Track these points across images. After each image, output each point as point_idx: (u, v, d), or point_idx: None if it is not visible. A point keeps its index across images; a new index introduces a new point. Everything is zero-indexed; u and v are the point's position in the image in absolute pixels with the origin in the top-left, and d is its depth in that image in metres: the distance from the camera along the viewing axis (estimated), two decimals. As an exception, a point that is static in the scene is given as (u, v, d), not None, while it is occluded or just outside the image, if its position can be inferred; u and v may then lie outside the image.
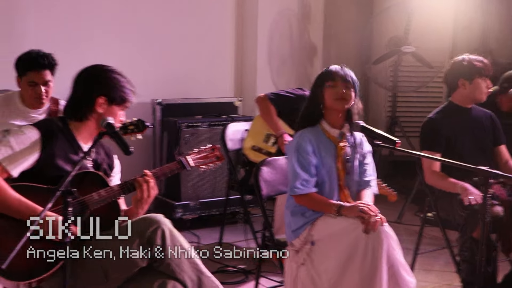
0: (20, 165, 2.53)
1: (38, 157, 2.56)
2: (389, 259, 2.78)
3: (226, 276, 4.12)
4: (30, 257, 2.46)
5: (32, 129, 2.60)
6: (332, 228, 2.91)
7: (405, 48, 5.72)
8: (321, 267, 2.88)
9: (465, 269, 3.56)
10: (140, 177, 2.68)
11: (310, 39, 6.24)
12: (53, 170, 2.57)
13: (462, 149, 3.70)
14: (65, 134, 2.66)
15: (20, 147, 2.53)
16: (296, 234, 3.02)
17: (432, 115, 3.83)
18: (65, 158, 2.62)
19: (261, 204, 3.37)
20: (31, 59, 3.56)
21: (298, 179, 2.99)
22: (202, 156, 2.92)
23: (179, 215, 4.99)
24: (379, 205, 3.03)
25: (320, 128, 3.09)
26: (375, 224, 2.78)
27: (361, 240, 2.78)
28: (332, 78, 3.05)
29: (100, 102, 2.66)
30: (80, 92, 2.69)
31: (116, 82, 2.69)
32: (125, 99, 2.72)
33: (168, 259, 2.53)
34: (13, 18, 4.86)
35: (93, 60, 2.82)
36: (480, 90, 3.73)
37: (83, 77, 2.72)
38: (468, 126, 3.78)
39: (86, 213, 2.58)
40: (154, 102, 5.22)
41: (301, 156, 3.01)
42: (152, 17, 5.44)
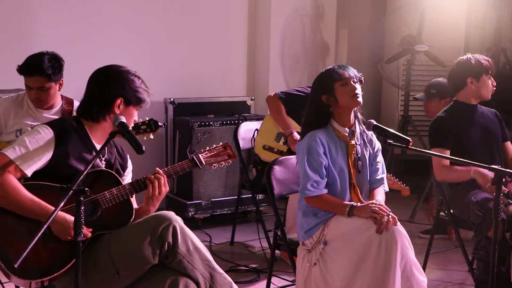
0: (34, 164, 2.54)
1: (52, 156, 2.57)
2: (402, 258, 2.77)
3: (237, 275, 4.11)
4: (42, 256, 2.47)
5: (46, 128, 2.60)
6: (344, 227, 2.90)
7: (418, 47, 5.70)
8: (333, 267, 2.86)
9: (479, 268, 3.54)
10: (152, 175, 2.69)
11: (323, 38, 6.23)
12: (66, 169, 2.58)
13: (473, 146, 3.71)
14: (79, 134, 2.67)
15: (34, 146, 2.53)
16: (309, 235, 3.01)
17: (439, 114, 3.85)
18: (79, 157, 2.62)
19: (273, 203, 3.36)
20: (24, 64, 3.54)
21: (309, 180, 2.97)
22: (213, 154, 2.92)
23: (191, 214, 5.00)
24: (391, 203, 3.02)
25: (331, 128, 3.07)
26: (388, 224, 2.77)
27: (375, 239, 2.77)
28: (341, 77, 3.02)
29: (117, 104, 2.67)
30: (96, 93, 2.69)
31: (132, 83, 2.70)
32: (141, 99, 2.73)
33: (180, 256, 2.53)
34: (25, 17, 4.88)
35: (106, 59, 2.83)
36: (486, 88, 3.80)
37: (99, 78, 2.72)
38: (477, 122, 3.80)
39: (98, 212, 2.59)
40: (167, 101, 5.23)
41: (312, 157, 2.99)
42: (165, 16, 5.45)
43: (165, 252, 2.52)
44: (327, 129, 3.06)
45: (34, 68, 3.50)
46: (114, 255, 2.53)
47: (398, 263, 2.74)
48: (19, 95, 3.72)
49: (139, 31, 5.32)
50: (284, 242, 3.32)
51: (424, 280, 2.86)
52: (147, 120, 3.36)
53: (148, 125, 3.33)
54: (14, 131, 3.60)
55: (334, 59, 6.35)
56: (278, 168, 3.40)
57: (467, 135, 3.74)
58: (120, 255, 2.52)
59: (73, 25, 5.03)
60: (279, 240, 3.39)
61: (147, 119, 3.36)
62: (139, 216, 2.70)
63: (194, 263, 2.55)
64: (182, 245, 2.54)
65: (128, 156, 2.91)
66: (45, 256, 2.48)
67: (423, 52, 5.73)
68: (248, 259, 4.41)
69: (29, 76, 3.52)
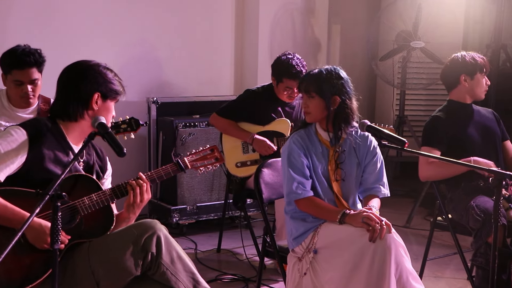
0: (6, 168, 2.52)
1: (26, 159, 2.55)
2: (397, 267, 2.77)
3: (225, 285, 4.12)
4: (16, 266, 2.45)
5: (19, 129, 2.59)
6: (336, 235, 2.90)
7: (414, 44, 5.73)
8: (325, 278, 2.87)
9: (478, 276, 3.56)
10: (134, 181, 2.68)
11: (314, 35, 6.24)
12: (41, 173, 2.56)
13: (472, 145, 3.74)
14: (54, 135, 2.66)
15: (6, 149, 2.52)
16: (298, 242, 3.02)
17: (435, 113, 3.89)
18: (55, 160, 2.61)
19: (261, 208, 3.37)
20: (16, 56, 3.54)
21: (293, 182, 2.99)
22: (200, 158, 2.92)
23: (175, 220, 4.99)
24: (386, 208, 3.03)
25: (314, 130, 3.11)
26: (382, 232, 2.77)
27: (368, 248, 2.77)
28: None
29: (95, 99, 2.67)
30: (71, 90, 2.68)
31: (106, 76, 2.70)
32: (117, 91, 2.73)
33: (163, 267, 2.53)
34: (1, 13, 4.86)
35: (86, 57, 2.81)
36: (480, 86, 3.84)
37: (71, 75, 2.71)
38: (475, 121, 3.84)
39: (76, 219, 2.58)
40: (150, 100, 5.23)
41: (293, 158, 3.03)
42: (148, 13, 5.44)
43: (148, 263, 2.51)
44: (309, 131, 3.10)
45: (28, 59, 3.51)
46: (94, 265, 2.52)
47: (393, 273, 2.75)
48: (-8, 93, 3.71)
49: (121, 28, 5.30)
50: (273, 249, 3.32)
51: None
52: (128, 118, 3.36)
53: (128, 123, 3.33)
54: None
55: (326, 56, 6.37)
56: (267, 171, 3.40)
57: (466, 134, 3.77)
58: (100, 265, 2.51)
59: (52, 21, 5.00)
60: (268, 247, 3.39)
61: (127, 118, 3.36)
62: (118, 223, 2.69)
63: (178, 275, 2.55)
64: (166, 255, 2.53)
65: (108, 158, 2.90)
66: (22, 265, 2.46)
67: (419, 49, 5.76)
68: (236, 267, 4.41)
69: (22, 69, 3.52)
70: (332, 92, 3.04)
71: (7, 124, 3.52)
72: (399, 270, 2.78)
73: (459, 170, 3.65)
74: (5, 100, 3.64)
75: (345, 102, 3.05)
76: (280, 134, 4.37)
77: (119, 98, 2.76)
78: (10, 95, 3.64)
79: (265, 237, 3.39)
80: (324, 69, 3.09)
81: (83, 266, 2.52)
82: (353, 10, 6.66)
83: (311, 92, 3.05)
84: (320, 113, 3.06)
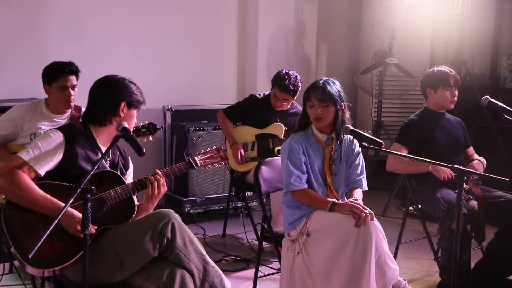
0: (46, 164, 2.54)
1: (62, 157, 2.57)
2: (377, 250, 2.78)
3: (229, 264, 4.12)
4: (54, 248, 2.46)
5: (57, 132, 2.61)
6: (326, 221, 2.91)
7: (389, 60, 5.73)
8: (315, 256, 2.87)
9: (443, 257, 3.56)
10: (152, 176, 2.69)
11: (305, 52, 6.24)
12: (75, 169, 2.57)
13: (440, 148, 3.72)
14: (86, 137, 2.67)
15: (46, 149, 2.54)
16: (293, 226, 3.02)
17: (411, 117, 3.89)
18: (86, 158, 2.62)
19: (260, 200, 3.37)
20: (60, 66, 3.59)
21: (292, 176, 2.99)
22: (208, 157, 2.93)
23: (187, 210, 4.99)
24: (367, 201, 3.04)
25: (311, 131, 3.10)
26: (366, 219, 2.78)
27: (353, 232, 2.78)
28: (308, 98, 3.04)
29: (121, 107, 2.68)
30: (102, 100, 2.70)
31: (130, 89, 2.73)
32: (140, 101, 2.76)
33: (177, 249, 2.53)
34: (37, 34, 4.86)
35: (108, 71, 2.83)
36: (444, 99, 3.78)
37: (101, 87, 2.73)
38: (443, 127, 3.82)
39: (104, 208, 2.58)
40: (165, 108, 5.23)
41: (293, 155, 3.02)
42: (163, 32, 5.44)
43: (164, 246, 2.51)
44: (307, 133, 3.09)
45: (69, 68, 3.58)
46: (119, 248, 2.52)
47: (373, 254, 2.75)
48: (33, 102, 3.72)
49: (140, 45, 5.31)
50: (270, 234, 3.32)
51: (396, 269, 2.87)
52: (147, 123, 3.37)
53: (147, 128, 3.35)
54: (29, 135, 3.59)
55: (315, 70, 6.37)
56: (265, 168, 3.41)
57: (434, 138, 3.75)
58: (124, 248, 2.51)
59: (80, 39, 5.01)
60: (265, 232, 3.39)
61: (146, 123, 3.37)
62: (139, 212, 2.70)
63: (189, 256, 2.55)
64: (180, 240, 2.53)
65: (130, 158, 2.90)
66: (56, 248, 2.47)
67: (394, 65, 5.76)
68: (238, 250, 4.41)
69: (65, 76, 3.56)
70: (340, 100, 3.04)
71: (46, 128, 3.53)
72: (378, 252, 2.78)
73: (418, 169, 3.65)
74: (44, 108, 3.66)
75: (343, 109, 3.06)
76: (275, 136, 4.38)
77: (141, 107, 2.78)
78: (51, 102, 3.64)
79: (263, 224, 3.39)
80: (330, 80, 3.06)
81: (109, 248, 2.53)
82: (338, 31, 6.65)
83: (326, 101, 3.00)
84: (330, 119, 3.04)
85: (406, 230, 4.19)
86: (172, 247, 2.52)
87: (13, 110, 3.66)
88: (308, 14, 6.19)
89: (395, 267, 2.87)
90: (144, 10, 5.34)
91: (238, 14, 5.91)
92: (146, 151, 2.51)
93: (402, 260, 4.16)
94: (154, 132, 3.37)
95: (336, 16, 6.62)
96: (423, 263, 4.19)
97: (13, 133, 3.61)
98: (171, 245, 2.52)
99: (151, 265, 2.52)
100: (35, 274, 2.57)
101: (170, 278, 2.48)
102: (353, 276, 2.75)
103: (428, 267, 4.11)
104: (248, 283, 3.78)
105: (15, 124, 3.60)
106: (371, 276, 2.74)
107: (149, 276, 2.51)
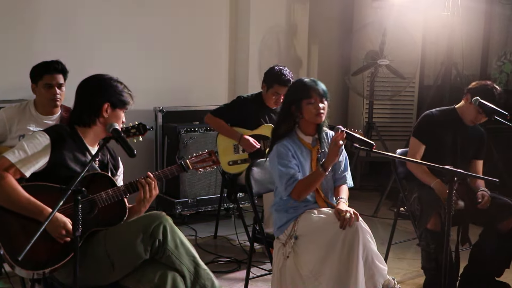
0: (32, 166, 2.53)
1: (49, 159, 2.55)
2: (365, 250, 2.78)
3: (220, 266, 4.11)
4: (43, 249, 2.44)
5: (43, 134, 2.60)
6: (313, 224, 2.92)
7: (381, 61, 5.74)
8: (304, 259, 2.87)
9: (422, 257, 3.56)
10: (143, 179, 2.68)
11: (296, 53, 6.24)
12: (63, 170, 2.56)
13: (445, 151, 3.66)
14: (73, 138, 2.65)
15: (33, 151, 2.53)
16: (282, 230, 3.02)
17: (433, 110, 3.77)
18: (74, 159, 2.61)
19: (251, 201, 3.36)
20: (46, 64, 3.60)
21: (285, 177, 2.97)
22: (200, 160, 2.91)
23: (178, 211, 4.98)
24: (357, 200, 3.04)
25: (296, 136, 3.08)
26: (351, 220, 2.79)
27: (339, 234, 2.79)
28: (309, 95, 3.00)
29: (105, 108, 2.66)
30: (85, 100, 2.68)
31: (116, 88, 2.69)
32: (126, 102, 2.71)
33: (169, 252, 2.52)
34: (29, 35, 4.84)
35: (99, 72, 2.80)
36: (476, 115, 3.62)
37: (86, 87, 2.71)
38: (456, 133, 3.70)
39: (95, 210, 2.57)
40: (156, 109, 5.21)
41: (282, 158, 2.99)
42: (154, 33, 5.43)
43: (155, 248, 2.50)
44: (292, 137, 3.07)
45: (56, 66, 3.59)
46: (110, 250, 2.51)
47: (361, 255, 2.76)
48: (22, 103, 3.71)
49: (132, 46, 5.30)
50: (261, 235, 3.32)
51: (384, 269, 2.87)
52: (136, 124, 3.36)
53: (137, 128, 3.34)
54: (18, 136, 3.57)
55: (307, 71, 6.37)
56: (256, 170, 3.41)
57: (443, 139, 3.68)
58: (115, 250, 2.50)
59: (70, 40, 4.99)
60: (257, 234, 3.38)
61: (136, 123, 3.36)
62: (130, 215, 2.69)
63: (181, 259, 2.54)
64: (171, 242, 2.52)
65: (119, 158, 2.89)
66: (46, 249, 2.45)
67: (385, 66, 5.78)
68: (230, 251, 4.40)
69: (51, 74, 3.57)
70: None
71: (34, 129, 3.52)
72: (365, 252, 2.79)
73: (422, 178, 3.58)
74: (33, 109, 3.64)
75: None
76: (266, 137, 4.37)
77: (128, 107, 2.74)
78: (38, 101, 3.63)
79: (255, 225, 3.39)
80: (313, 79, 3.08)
81: (100, 250, 2.51)
82: (329, 32, 6.67)
83: (326, 97, 3.02)
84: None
85: (397, 231, 4.19)
86: (164, 249, 2.51)
87: (1, 112, 3.64)
88: (300, 15, 6.20)
89: (384, 266, 2.88)
90: (136, 11, 5.33)
91: (229, 15, 5.91)
92: (137, 152, 2.50)
93: (393, 261, 4.17)
94: (144, 132, 3.36)
95: (328, 18, 6.63)
96: (414, 264, 4.19)
97: (2, 135, 3.60)
98: (163, 247, 2.51)
99: (143, 268, 2.51)
100: (24, 276, 2.55)
101: (161, 280, 2.47)
102: (342, 278, 2.75)
103: (419, 267, 4.10)
104: (239, 285, 3.77)
105: (4, 126, 3.58)
106: (359, 276, 2.74)
107: (141, 279, 2.50)
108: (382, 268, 2.85)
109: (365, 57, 5.85)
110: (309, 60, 6.46)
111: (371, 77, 5.95)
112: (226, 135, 4.40)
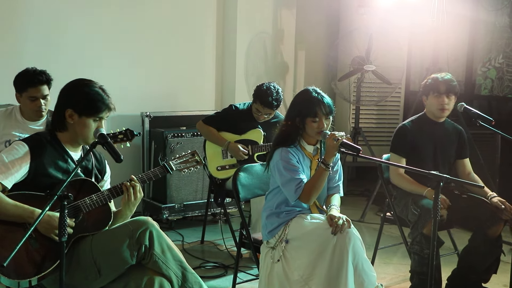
0: (12, 176, 2.50)
1: (29, 168, 2.53)
2: (355, 256, 2.79)
3: (207, 271, 4.10)
4: (29, 257, 2.42)
5: (22, 144, 2.57)
6: (304, 229, 2.91)
7: (367, 67, 5.77)
8: (294, 264, 2.87)
9: (414, 261, 3.56)
10: (127, 182, 2.67)
11: (283, 59, 6.26)
12: (45, 179, 2.54)
13: (426, 157, 3.68)
14: (53, 145, 2.62)
15: (12, 162, 2.50)
16: (272, 234, 3.01)
17: (405, 122, 3.80)
18: (55, 166, 2.59)
19: (238, 206, 3.36)
20: (30, 76, 3.53)
21: (293, 181, 2.93)
22: (183, 161, 2.92)
23: (165, 216, 4.96)
24: (345, 206, 3.04)
25: (299, 146, 3.07)
26: (343, 226, 2.79)
27: (330, 240, 2.79)
28: (315, 115, 2.98)
29: (68, 114, 2.61)
30: (57, 105, 2.66)
31: (87, 95, 2.59)
32: (94, 110, 2.58)
33: (155, 257, 2.51)
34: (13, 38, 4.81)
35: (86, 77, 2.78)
36: (434, 106, 3.68)
37: (61, 91, 2.68)
38: (434, 138, 3.72)
39: (80, 216, 2.55)
40: (143, 114, 5.20)
41: (287, 163, 2.97)
42: (141, 38, 5.43)
43: (142, 254, 2.50)
44: (295, 144, 3.05)
45: (40, 78, 3.53)
46: (96, 255, 2.50)
47: (351, 261, 2.76)
48: (7, 109, 3.68)
49: (119, 51, 5.28)
50: (248, 240, 3.32)
51: (374, 275, 2.88)
52: (124, 129, 3.34)
53: (124, 134, 3.34)
54: (4, 142, 3.54)
55: (293, 77, 6.39)
56: (243, 175, 3.41)
57: (422, 146, 3.69)
58: (101, 256, 2.49)
59: (57, 45, 4.97)
60: (244, 239, 3.38)
61: (124, 129, 3.34)
62: (117, 219, 2.68)
63: (168, 264, 2.54)
64: (158, 247, 2.52)
65: (106, 162, 2.87)
66: (32, 257, 2.43)
67: (371, 71, 5.80)
68: (217, 256, 4.39)
69: (35, 87, 3.52)
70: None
71: (21, 135, 3.49)
72: (356, 259, 2.79)
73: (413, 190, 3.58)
74: (19, 115, 3.62)
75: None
76: (254, 142, 4.38)
77: (101, 116, 2.61)
78: (24, 110, 3.60)
79: (242, 230, 3.38)
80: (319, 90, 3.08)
81: (87, 256, 2.50)
82: (316, 38, 6.69)
83: (332, 113, 3.03)
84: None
85: (383, 236, 4.21)
86: (150, 254, 2.50)
87: (-13, 117, 3.61)
88: (286, 22, 6.22)
89: (373, 273, 2.88)
90: (123, 16, 5.32)
91: (216, 20, 5.91)
92: (124, 158, 2.49)
93: (379, 265, 4.18)
94: (131, 138, 3.36)
95: (314, 24, 6.66)
96: (400, 268, 4.21)
97: (-13, 140, 3.56)
98: (149, 252, 2.50)
99: (129, 273, 2.50)
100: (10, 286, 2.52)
101: (148, 285, 2.46)
102: (331, 284, 2.75)
103: (405, 272, 4.13)
104: (226, 290, 3.77)
105: (-11, 132, 3.55)
106: (349, 283, 2.75)
107: (127, 284, 2.49)
108: (371, 275, 2.86)
109: (351, 63, 5.86)
110: (295, 65, 6.48)
111: (358, 82, 5.97)
112: (215, 143, 4.41)
